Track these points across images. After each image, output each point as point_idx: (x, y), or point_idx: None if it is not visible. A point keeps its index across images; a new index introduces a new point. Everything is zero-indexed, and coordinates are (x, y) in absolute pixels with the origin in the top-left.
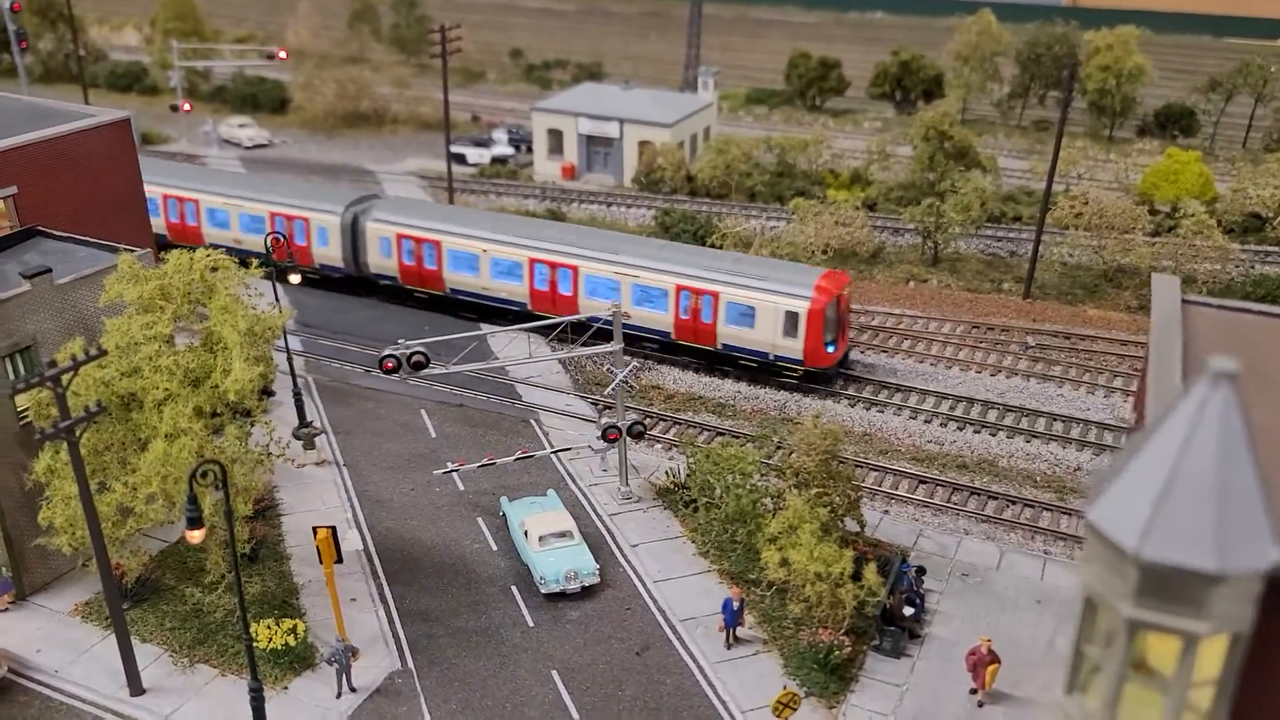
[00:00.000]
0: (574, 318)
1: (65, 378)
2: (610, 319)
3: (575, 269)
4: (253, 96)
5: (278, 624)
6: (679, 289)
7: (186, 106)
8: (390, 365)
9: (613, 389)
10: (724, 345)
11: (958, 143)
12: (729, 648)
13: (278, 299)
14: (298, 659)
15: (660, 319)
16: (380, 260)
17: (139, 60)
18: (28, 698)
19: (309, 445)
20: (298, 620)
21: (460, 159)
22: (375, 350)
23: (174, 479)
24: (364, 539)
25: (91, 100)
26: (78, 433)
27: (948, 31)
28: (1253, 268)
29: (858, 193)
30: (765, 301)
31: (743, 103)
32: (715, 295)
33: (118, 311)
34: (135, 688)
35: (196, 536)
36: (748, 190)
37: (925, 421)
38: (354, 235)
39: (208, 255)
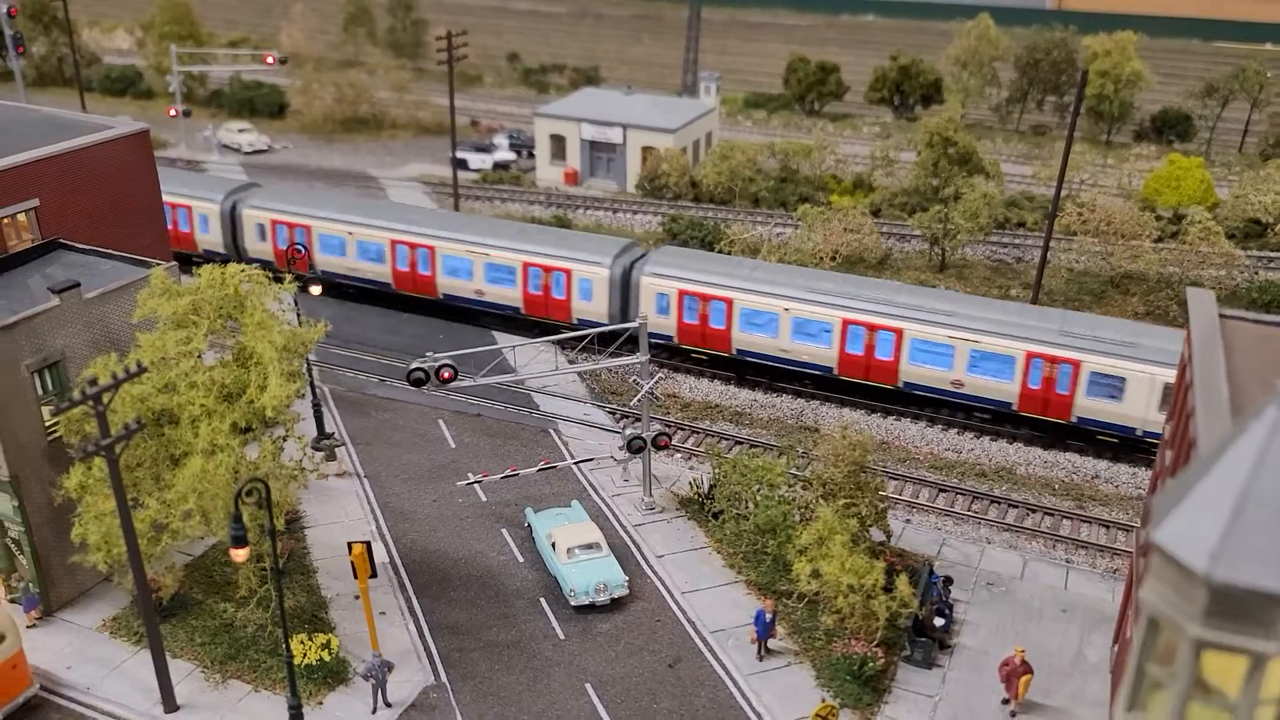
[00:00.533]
0: (580, 332)
1: (105, 396)
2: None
3: (900, 331)
4: (250, 101)
5: (311, 639)
6: (1029, 357)
7: (172, 112)
8: (419, 378)
9: (638, 400)
10: (1080, 419)
11: (961, 149)
12: (761, 659)
13: (299, 313)
14: (331, 674)
15: (1007, 389)
16: (655, 319)
17: (133, 64)
18: (60, 715)
19: (330, 457)
20: (330, 635)
21: (462, 164)
22: (389, 359)
23: (211, 495)
24: (390, 552)
25: (87, 104)
26: (117, 450)
27: (940, 35)
28: (1256, 273)
29: (861, 198)
30: (1137, 372)
31: (741, 107)
32: (1075, 364)
33: (149, 327)
34: (169, 704)
35: (242, 555)
36: (751, 196)
37: (942, 429)
38: (624, 290)
39: (241, 270)
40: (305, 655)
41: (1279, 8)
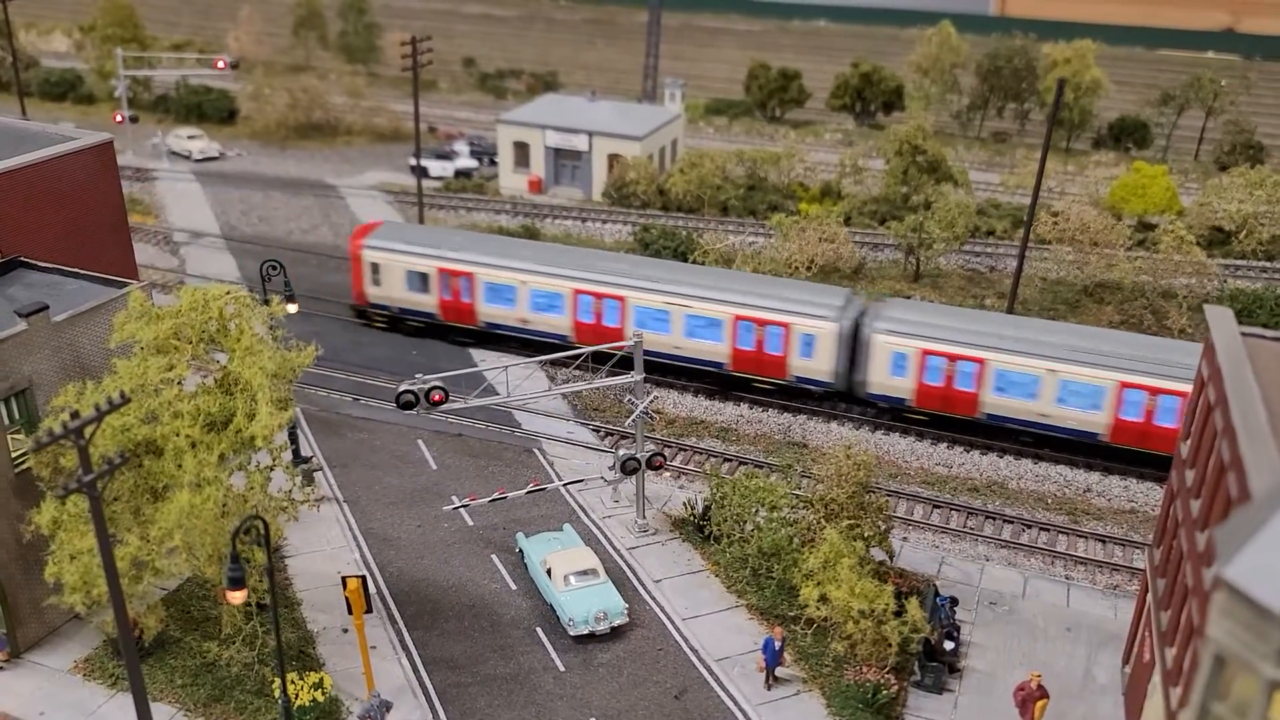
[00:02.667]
0: (573, 352)
1: (88, 429)
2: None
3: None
4: (198, 106)
5: (302, 678)
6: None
7: (119, 118)
8: (409, 401)
9: (633, 420)
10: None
11: (930, 157)
12: (769, 688)
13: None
14: (325, 715)
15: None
16: (888, 380)
17: (73, 67)
18: None
19: (308, 481)
20: (322, 673)
21: (423, 172)
22: (362, 378)
23: (199, 531)
24: (376, 581)
25: (27, 109)
26: (100, 487)
27: (891, 41)
28: (1226, 281)
29: (830, 206)
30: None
31: (702, 114)
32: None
33: (126, 353)
34: None
35: (239, 598)
36: (720, 204)
37: (932, 443)
38: (852, 346)
39: (226, 292)
40: (297, 696)
41: (1213, 16)
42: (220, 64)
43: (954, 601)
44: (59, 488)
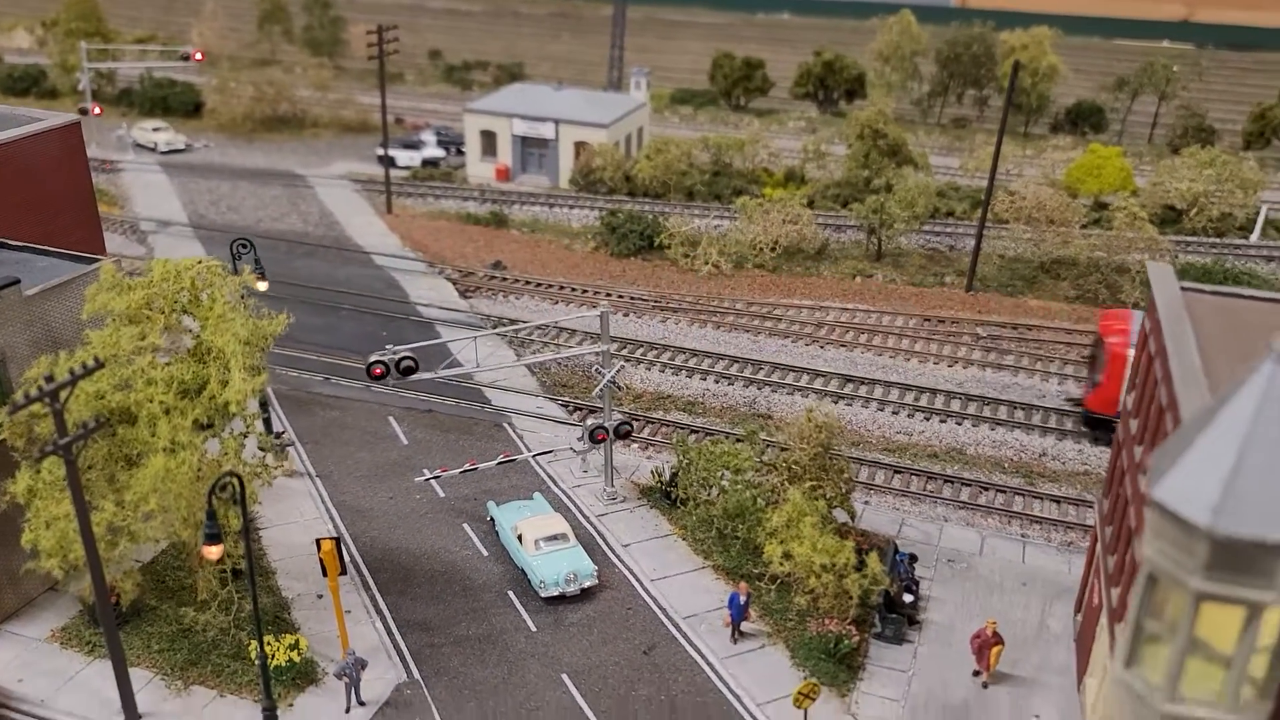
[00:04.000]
0: (541, 323)
1: (62, 393)
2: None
3: None
4: (163, 100)
5: (278, 640)
6: None
7: (97, 110)
8: (379, 371)
9: (600, 389)
10: None
11: (891, 141)
12: (735, 642)
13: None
14: (300, 675)
15: None
16: None
17: (36, 63)
18: None
19: (280, 456)
20: (298, 635)
21: (390, 161)
22: (332, 358)
23: (174, 494)
24: (350, 550)
25: None
26: (75, 450)
27: (854, 32)
28: (1176, 257)
29: (794, 190)
30: None
31: (668, 103)
32: None
33: (97, 324)
34: (131, 714)
35: (215, 553)
36: (686, 189)
37: (893, 413)
38: None
39: (198, 262)
40: (273, 656)
41: (1168, 7)
42: (198, 55)
43: (913, 558)
44: (36, 450)
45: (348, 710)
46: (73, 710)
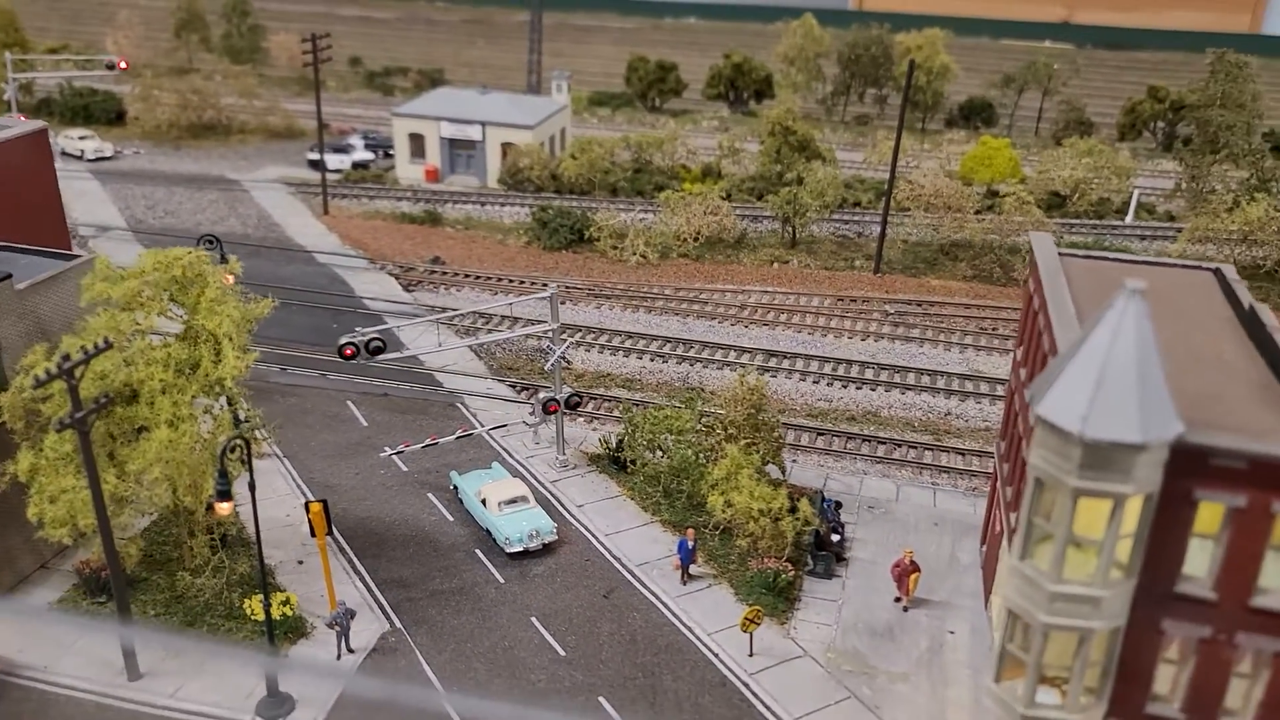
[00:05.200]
0: (489, 306)
1: (77, 371)
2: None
3: None
4: (84, 108)
5: (270, 597)
6: None
7: (22, 119)
8: (350, 352)
9: (552, 364)
10: None
11: (800, 137)
12: (685, 584)
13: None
14: (291, 629)
15: None
16: None
17: None
18: (23, 693)
19: (251, 436)
20: (288, 593)
21: (319, 165)
22: (287, 349)
23: (177, 463)
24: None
25: None
26: (89, 423)
27: (758, 36)
28: (1061, 238)
29: (712, 185)
30: None
31: (586, 105)
32: None
33: (91, 313)
34: (133, 672)
35: (226, 509)
36: (610, 186)
37: (814, 383)
38: None
39: (188, 253)
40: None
41: (1049, 9)
42: (123, 64)
43: (838, 504)
44: (54, 423)
45: (339, 657)
46: (76, 673)
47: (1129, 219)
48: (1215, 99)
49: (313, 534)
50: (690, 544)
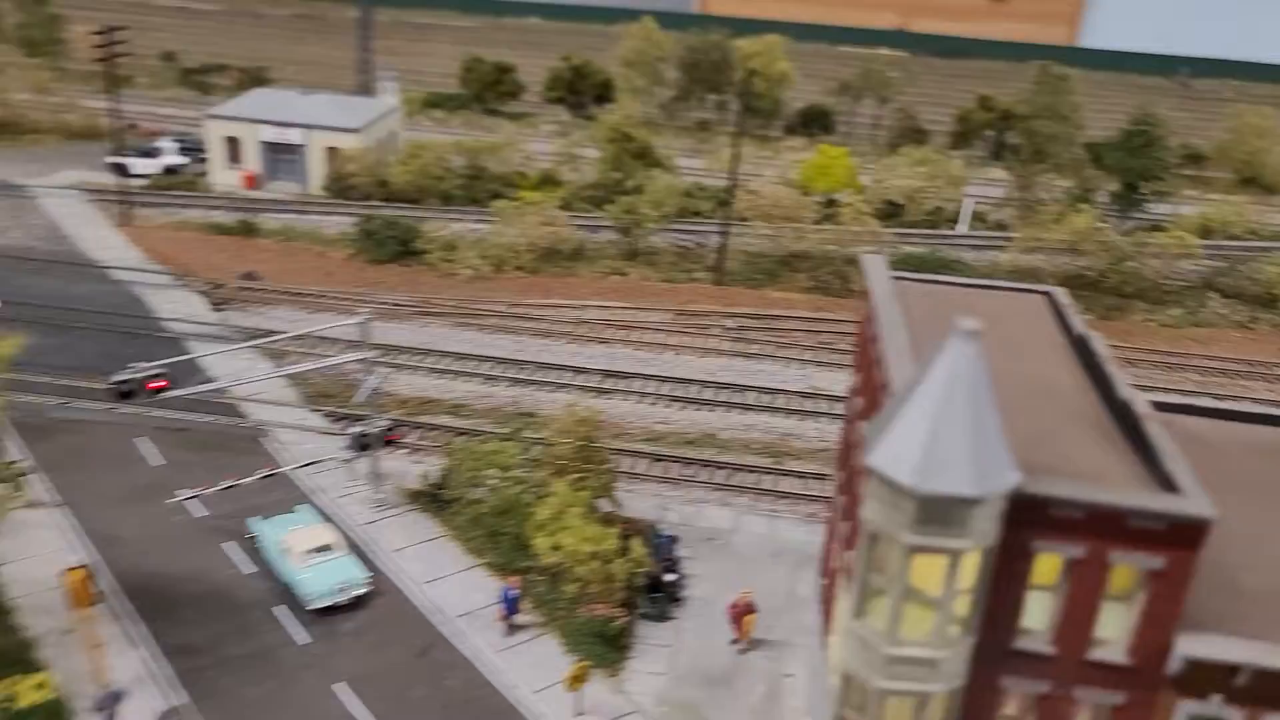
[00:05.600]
0: (312, 330)
1: None
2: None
3: None
4: None
5: (23, 679)
6: None
7: None
8: (125, 391)
9: (364, 397)
10: None
11: (639, 144)
12: (509, 635)
13: None
14: (51, 714)
15: None
16: None
17: None
18: None
19: (16, 486)
20: (44, 675)
21: (121, 170)
22: (69, 380)
23: None
24: (105, 578)
25: None
26: None
27: (601, 37)
28: (897, 248)
29: (550, 193)
30: None
31: (420, 107)
32: None
33: None
34: None
35: None
36: (442, 194)
37: (651, 404)
38: None
39: None
40: (13, 700)
41: (884, 16)
42: None
43: (674, 539)
44: None
45: None
46: None
47: (964, 228)
48: (1042, 110)
49: (72, 606)
50: (514, 592)
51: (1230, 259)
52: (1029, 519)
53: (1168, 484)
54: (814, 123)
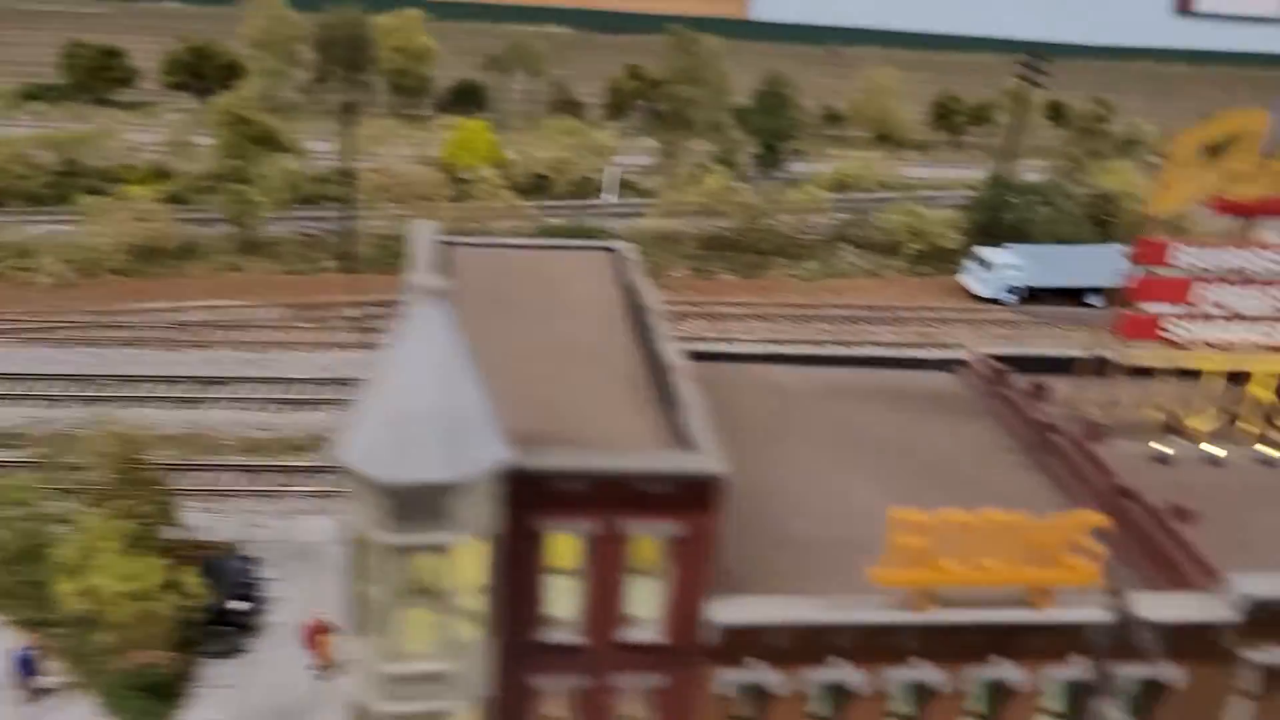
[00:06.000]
0: None
1: None
2: None
3: None
4: None
5: None
6: None
7: None
8: None
9: None
10: None
11: (259, 128)
12: (30, 704)
13: None
14: None
15: None
16: None
17: None
18: None
19: None
20: None
21: None
22: None
23: None
24: None
25: None
26: None
27: (229, 20)
28: (541, 221)
29: (159, 186)
30: None
31: (16, 101)
32: None
33: None
34: None
35: None
36: (27, 194)
37: (256, 410)
38: None
39: None
40: None
41: None
42: None
43: (249, 561)
44: None
45: None
46: None
47: (612, 197)
48: (679, 75)
49: None
50: (30, 652)
51: (860, 211)
52: (532, 498)
53: (687, 442)
54: (467, 99)
